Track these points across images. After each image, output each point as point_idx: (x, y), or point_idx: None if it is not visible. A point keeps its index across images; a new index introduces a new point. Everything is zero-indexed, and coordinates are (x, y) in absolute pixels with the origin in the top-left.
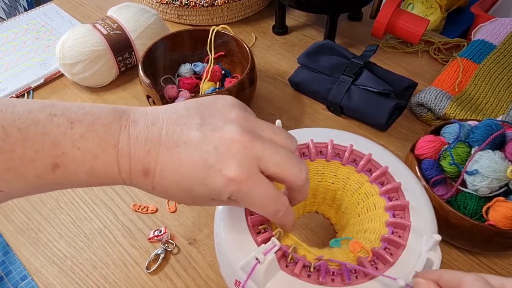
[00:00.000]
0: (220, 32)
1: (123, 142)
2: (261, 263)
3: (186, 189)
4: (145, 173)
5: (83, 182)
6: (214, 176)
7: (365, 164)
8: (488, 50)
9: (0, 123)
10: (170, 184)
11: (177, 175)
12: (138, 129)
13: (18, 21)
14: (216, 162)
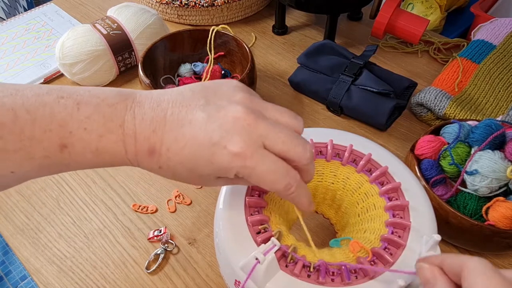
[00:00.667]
0: (220, 32)
1: (129, 122)
2: (261, 263)
3: (192, 168)
4: (150, 152)
5: (90, 163)
6: (219, 153)
7: (365, 164)
8: (488, 50)
9: (10, 105)
10: (176, 164)
11: (183, 154)
12: (143, 110)
13: (18, 21)
14: (220, 139)
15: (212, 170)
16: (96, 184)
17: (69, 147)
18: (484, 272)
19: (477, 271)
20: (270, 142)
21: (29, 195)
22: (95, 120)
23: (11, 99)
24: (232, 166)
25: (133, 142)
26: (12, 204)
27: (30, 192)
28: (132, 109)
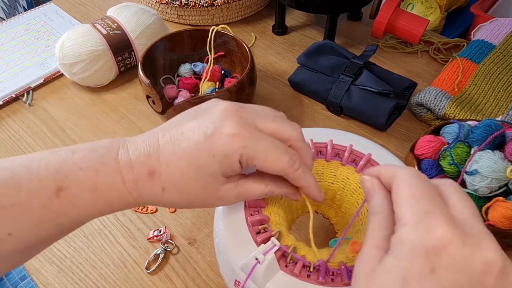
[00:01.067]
0: (220, 32)
1: (123, 155)
2: (260, 263)
3: (197, 175)
4: (151, 174)
5: (89, 204)
6: (217, 140)
7: (364, 164)
8: (487, 50)
9: (7, 165)
10: (179, 177)
11: (183, 163)
12: (136, 143)
13: (18, 21)
14: (215, 130)
15: (217, 164)
16: None
17: (65, 190)
18: (410, 181)
19: (403, 181)
20: (261, 122)
21: None
22: (90, 158)
23: (10, 162)
24: (234, 149)
25: (130, 171)
26: None
27: None
28: (125, 145)
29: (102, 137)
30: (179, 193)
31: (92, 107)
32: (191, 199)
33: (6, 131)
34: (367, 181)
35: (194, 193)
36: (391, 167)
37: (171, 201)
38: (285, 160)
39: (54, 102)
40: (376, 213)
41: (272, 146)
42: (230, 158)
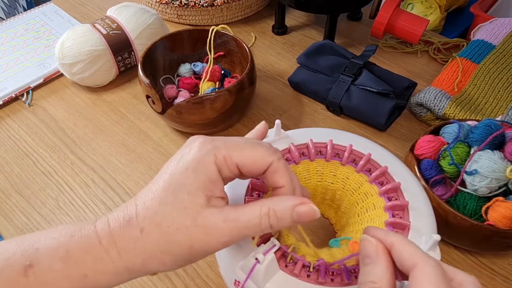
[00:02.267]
0: (219, 32)
1: (101, 220)
2: (260, 263)
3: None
4: (129, 220)
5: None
6: (187, 156)
7: (364, 164)
8: (487, 50)
9: None
10: (157, 207)
11: (159, 192)
12: (115, 211)
13: (18, 21)
14: (184, 152)
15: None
16: (96, 184)
17: (35, 266)
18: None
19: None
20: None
21: (29, 195)
22: (65, 228)
23: None
24: (205, 152)
25: (106, 227)
26: (11, 204)
27: (29, 192)
28: (104, 216)
29: (102, 137)
30: (158, 229)
31: (92, 107)
32: (172, 234)
33: (5, 131)
34: (371, 244)
35: (174, 225)
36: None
37: (152, 245)
38: (264, 148)
39: (54, 102)
40: (374, 284)
41: (244, 140)
42: (204, 162)
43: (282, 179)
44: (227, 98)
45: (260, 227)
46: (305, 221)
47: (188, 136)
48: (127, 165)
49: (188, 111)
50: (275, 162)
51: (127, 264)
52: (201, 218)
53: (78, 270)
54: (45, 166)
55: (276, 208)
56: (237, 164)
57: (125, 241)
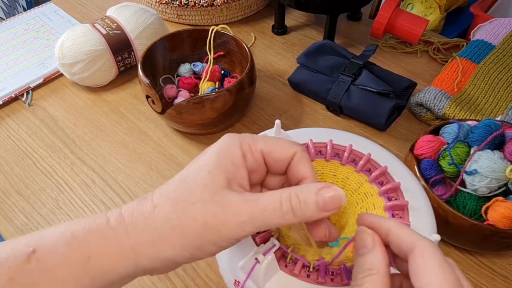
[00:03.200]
0: (219, 32)
1: (113, 210)
2: (260, 263)
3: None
4: (143, 198)
5: (61, 264)
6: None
7: (364, 164)
8: (487, 50)
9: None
10: (174, 186)
11: (178, 176)
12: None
13: (17, 20)
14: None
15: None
16: (96, 184)
17: (38, 251)
18: (439, 262)
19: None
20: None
21: (29, 195)
22: (74, 219)
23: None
24: (230, 140)
25: (117, 210)
26: (11, 204)
27: (29, 192)
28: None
29: (102, 137)
30: (173, 203)
31: (92, 107)
32: (186, 208)
33: (5, 131)
34: (368, 235)
35: (190, 199)
36: (409, 232)
37: (163, 220)
38: (287, 140)
39: (54, 102)
40: (371, 271)
41: (268, 136)
42: (228, 145)
43: (307, 169)
44: (227, 98)
45: (282, 210)
46: (331, 208)
47: (188, 136)
48: (127, 165)
49: (188, 111)
50: (299, 152)
51: (134, 245)
52: (219, 196)
53: (81, 252)
54: (45, 166)
55: (298, 191)
56: (262, 150)
57: (136, 218)
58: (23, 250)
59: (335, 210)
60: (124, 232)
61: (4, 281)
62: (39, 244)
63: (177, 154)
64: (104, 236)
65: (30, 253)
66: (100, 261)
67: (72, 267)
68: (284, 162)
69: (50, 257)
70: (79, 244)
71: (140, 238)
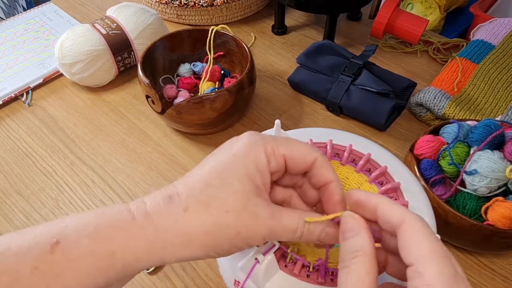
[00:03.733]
0: (219, 32)
1: (135, 200)
2: (260, 263)
3: (221, 180)
4: (170, 198)
5: (86, 256)
6: (236, 145)
7: (364, 164)
8: (487, 50)
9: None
10: (203, 188)
11: (205, 172)
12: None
13: (17, 20)
14: (233, 142)
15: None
16: (96, 184)
17: (62, 242)
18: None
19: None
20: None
21: (28, 195)
22: (95, 209)
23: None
24: (254, 141)
25: (142, 205)
26: (11, 204)
27: (29, 192)
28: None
29: (102, 137)
30: (205, 208)
31: (92, 107)
32: (221, 216)
33: (5, 130)
34: (354, 219)
35: (223, 206)
36: (396, 207)
37: (196, 225)
38: (307, 144)
39: (54, 102)
40: (358, 252)
41: (288, 138)
42: (254, 150)
43: (330, 174)
44: (227, 98)
45: (296, 233)
46: (327, 243)
47: (188, 136)
48: (127, 165)
49: (187, 111)
50: (320, 157)
51: (164, 244)
52: (251, 205)
53: (106, 246)
54: (44, 166)
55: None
56: (284, 155)
57: (165, 219)
58: (47, 240)
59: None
60: (153, 231)
61: (28, 270)
62: (62, 235)
63: (177, 154)
64: (131, 233)
65: (54, 244)
66: (125, 256)
67: (96, 260)
68: (304, 167)
69: (74, 249)
70: (103, 239)
71: (172, 240)
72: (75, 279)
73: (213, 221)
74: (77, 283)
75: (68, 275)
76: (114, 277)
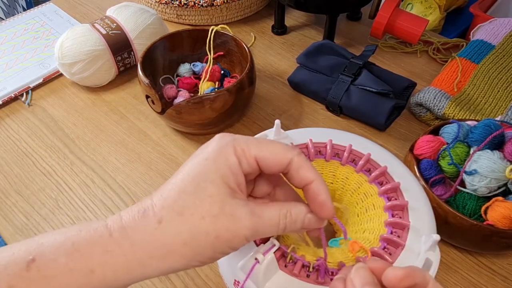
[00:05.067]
0: (219, 32)
1: (113, 216)
2: (260, 263)
3: (195, 186)
4: (144, 211)
5: (63, 273)
6: (206, 149)
7: (364, 164)
8: (487, 50)
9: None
10: (177, 196)
11: (178, 181)
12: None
13: (17, 20)
14: (202, 147)
15: (211, 164)
16: (95, 184)
17: (38, 260)
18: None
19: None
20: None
21: (28, 195)
22: (73, 226)
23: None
24: (225, 143)
25: (119, 219)
26: (11, 204)
27: (29, 192)
28: (116, 214)
29: (102, 137)
30: (180, 217)
31: (92, 107)
32: (196, 223)
33: (5, 130)
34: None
35: (198, 213)
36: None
37: (173, 235)
38: (281, 145)
39: (54, 102)
40: None
41: (262, 138)
42: (224, 152)
43: (309, 174)
44: (227, 98)
45: (278, 226)
46: (311, 228)
47: (187, 136)
48: (127, 165)
49: (187, 111)
50: (295, 157)
51: (142, 259)
52: (228, 207)
53: (84, 264)
54: (44, 166)
55: (292, 210)
56: (256, 157)
57: (141, 233)
58: (24, 257)
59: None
60: (129, 246)
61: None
62: (39, 252)
63: (177, 154)
64: (109, 250)
65: (30, 261)
66: (105, 273)
67: (74, 278)
68: (279, 168)
69: (51, 266)
70: (82, 256)
71: (149, 253)
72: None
73: (189, 229)
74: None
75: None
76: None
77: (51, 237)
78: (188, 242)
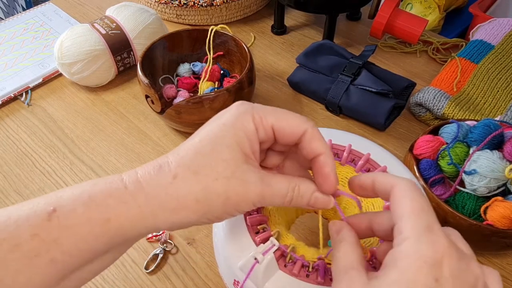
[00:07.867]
0: (219, 32)
1: (128, 171)
2: (259, 263)
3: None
4: (160, 167)
5: (81, 223)
6: (225, 114)
7: (363, 164)
8: (486, 50)
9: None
10: (193, 156)
11: (196, 141)
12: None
13: (17, 20)
14: (221, 113)
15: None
16: None
17: (58, 210)
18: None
19: (404, 193)
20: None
21: (28, 195)
22: (89, 180)
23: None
24: (243, 110)
25: (134, 174)
26: (10, 204)
27: (28, 192)
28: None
29: (101, 136)
30: (195, 176)
31: (91, 107)
32: (210, 183)
33: (4, 130)
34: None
35: (212, 174)
36: (389, 176)
37: (186, 192)
38: (298, 116)
39: (53, 102)
40: (341, 241)
41: (279, 108)
42: (242, 118)
43: (320, 146)
44: (226, 98)
45: (285, 198)
46: (318, 207)
47: (187, 136)
48: (126, 164)
49: (187, 111)
50: (310, 129)
51: (155, 210)
52: (240, 172)
53: (100, 213)
54: (44, 166)
55: (301, 185)
56: (273, 126)
57: (155, 187)
58: (44, 208)
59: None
60: (144, 199)
61: (27, 237)
62: (58, 204)
63: None
64: (123, 201)
65: (51, 212)
66: (120, 223)
67: (92, 226)
68: (293, 138)
69: (70, 216)
70: (98, 206)
71: (162, 206)
72: (72, 244)
73: (203, 188)
74: (75, 249)
75: (65, 241)
76: (110, 243)
77: (68, 191)
78: (201, 200)
